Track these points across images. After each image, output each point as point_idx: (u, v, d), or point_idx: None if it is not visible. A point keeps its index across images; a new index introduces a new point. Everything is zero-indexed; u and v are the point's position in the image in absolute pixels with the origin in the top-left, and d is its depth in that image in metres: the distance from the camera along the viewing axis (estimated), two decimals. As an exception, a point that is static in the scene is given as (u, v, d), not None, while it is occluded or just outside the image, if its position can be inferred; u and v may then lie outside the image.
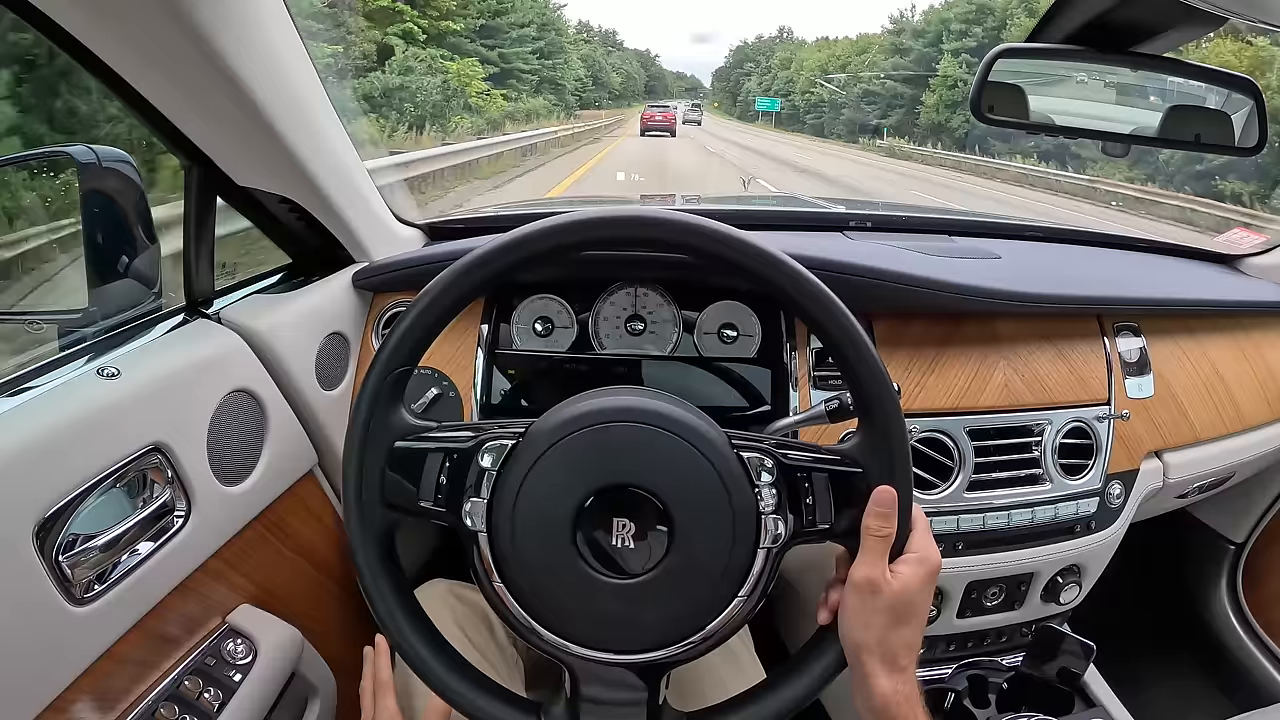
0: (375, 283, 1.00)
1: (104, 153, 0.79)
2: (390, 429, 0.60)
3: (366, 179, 0.96)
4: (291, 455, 0.88)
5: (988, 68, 0.90)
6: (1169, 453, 1.13)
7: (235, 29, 0.66)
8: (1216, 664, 1.48)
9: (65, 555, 0.59)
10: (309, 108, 0.81)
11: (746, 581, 0.57)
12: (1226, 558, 1.47)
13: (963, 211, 1.51)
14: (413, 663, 0.60)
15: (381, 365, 0.59)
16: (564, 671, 0.59)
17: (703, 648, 0.58)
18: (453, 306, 0.60)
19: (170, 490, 0.69)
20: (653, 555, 0.57)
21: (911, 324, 1.02)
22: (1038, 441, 1.02)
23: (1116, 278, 1.24)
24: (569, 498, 0.57)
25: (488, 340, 1.00)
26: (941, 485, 0.98)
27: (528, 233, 0.59)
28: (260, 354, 0.83)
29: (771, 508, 0.57)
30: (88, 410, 0.63)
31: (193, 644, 0.72)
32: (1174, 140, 0.98)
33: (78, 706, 0.60)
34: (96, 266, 0.79)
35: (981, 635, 1.09)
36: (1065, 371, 1.05)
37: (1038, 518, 1.01)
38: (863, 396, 0.60)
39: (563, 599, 0.57)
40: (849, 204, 1.52)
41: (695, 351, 1.01)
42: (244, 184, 0.84)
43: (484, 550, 0.57)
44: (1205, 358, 1.17)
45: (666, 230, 0.59)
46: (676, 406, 0.59)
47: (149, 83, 0.69)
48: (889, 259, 1.01)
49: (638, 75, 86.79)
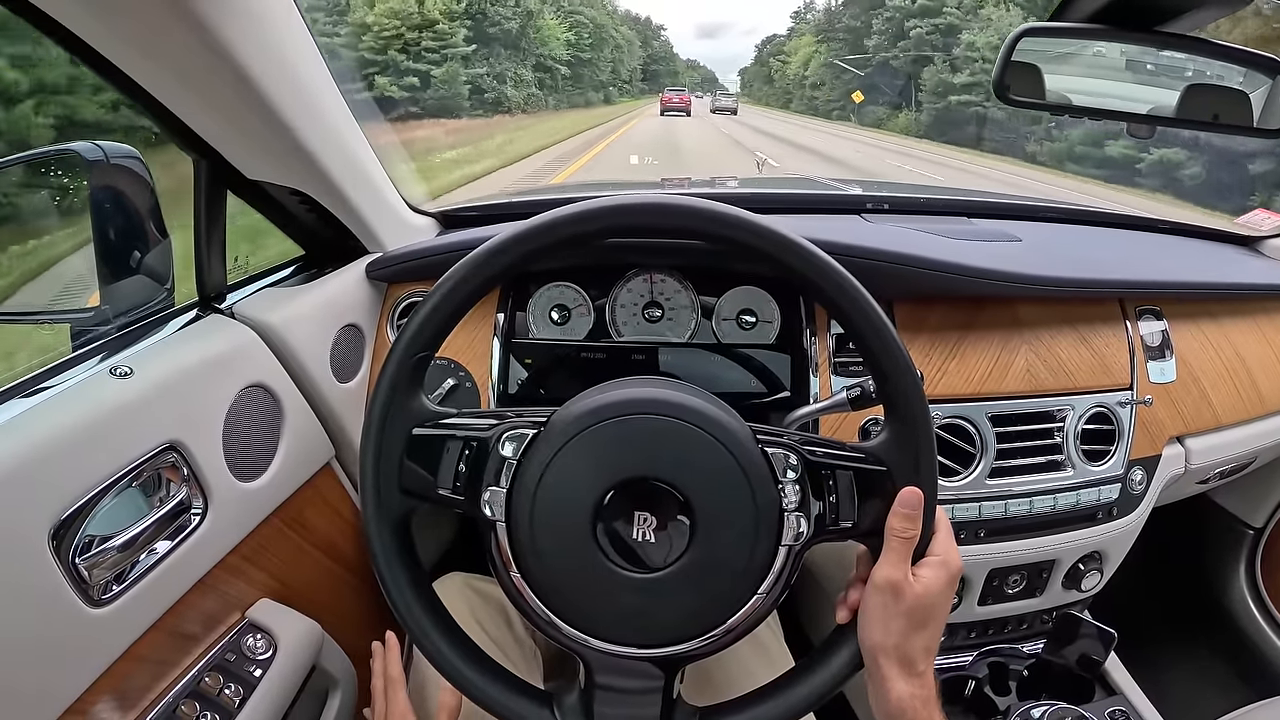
0: (389, 273, 0.99)
1: (111, 149, 0.78)
2: (409, 415, 0.60)
3: (378, 168, 0.95)
4: (308, 449, 0.87)
5: (1011, 46, 0.88)
6: (1191, 438, 1.11)
7: (240, 21, 0.64)
8: (1235, 650, 1.47)
9: (82, 557, 0.59)
10: (317, 99, 0.80)
11: (767, 579, 0.57)
12: (1245, 543, 1.46)
13: (981, 192, 1.49)
14: (426, 650, 0.60)
15: (402, 350, 0.59)
16: (579, 662, 0.59)
17: (720, 643, 0.58)
18: (477, 291, 0.59)
19: (186, 488, 0.69)
20: (673, 550, 0.56)
21: (933, 309, 1.01)
22: (1060, 427, 1.01)
23: (1138, 260, 1.22)
24: (590, 489, 0.56)
25: (504, 329, 0.99)
26: (964, 472, 0.97)
27: (553, 218, 0.58)
28: (274, 348, 0.82)
29: (795, 505, 0.56)
30: (101, 411, 0.62)
31: (212, 640, 0.72)
32: (1192, 120, 0.97)
33: (98, 707, 0.60)
34: (108, 264, 0.78)
35: (1002, 622, 1.09)
36: (1087, 356, 1.04)
37: (1059, 504, 1.00)
38: (888, 390, 0.59)
39: (580, 590, 0.57)
40: (865, 185, 1.50)
41: (714, 338, 1.00)
42: (254, 177, 0.83)
43: (502, 540, 0.57)
44: (1227, 341, 1.15)
45: (685, 217, 0.58)
46: (701, 399, 0.58)
47: (153, 78, 0.68)
48: (909, 243, 0.99)
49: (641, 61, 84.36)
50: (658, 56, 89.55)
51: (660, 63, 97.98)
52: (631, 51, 71.96)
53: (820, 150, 18.99)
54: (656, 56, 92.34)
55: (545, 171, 12.98)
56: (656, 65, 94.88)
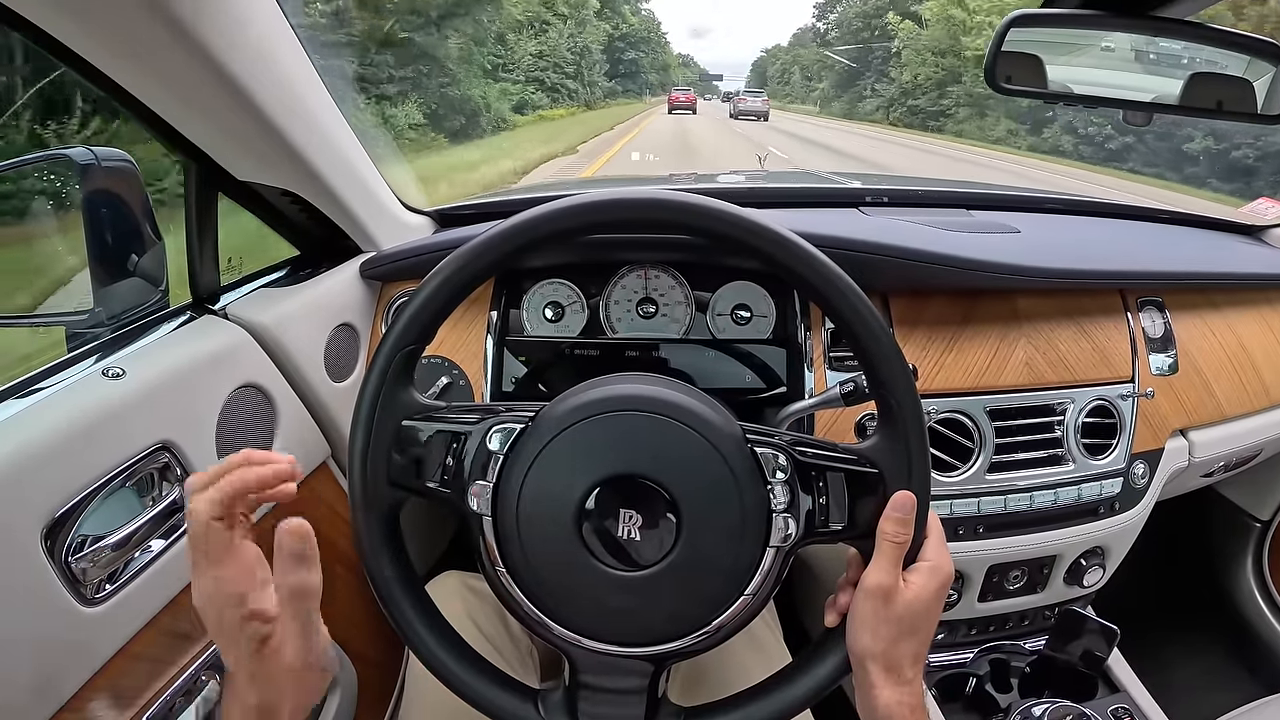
0: (383, 272, 0.99)
1: (103, 153, 0.78)
2: (398, 407, 0.60)
3: (370, 167, 0.95)
4: (303, 448, 0.87)
5: (1001, 36, 0.87)
6: (1194, 431, 1.10)
7: (220, 22, 0.64)
8: (1242, 644, 1.46)
9: (75, 557, 0.59)
10: (304, 98, 0.80)
11: (754, 579, 0.56)
12: (1252, 535, 1.45)
13: (981, 184, 1.48)
14: (409, 639, 0.60)
15: (392, 343, 0.59)
16: (564, 659, 0.59)
17: (707, 643, 0.58)
18: (466, 285, 0.59)
19: (179, 488, 0.69)
20: (659, 548, 0.56)
21: (929, 302, 1.00)
22: (1060, 421, 1.00)
23: (1139, 251, 1.21)
24: (576, 485, 0.56)
25: (497, 326, 0.99)
26: (962, 467, 0.96)
27: (536, 215, 0.58)
28: (268, 348, 0.83)
29: (783, 506, 0.56)
30: (93, 412, 0.62)
31: (207, 639, 0.72)
32: (1195, 108, 0.95)
33: (93, 705, 0.60)
34: (101, 267, 0.79)
35: (1003, 619, 1.08)
36: (1088, 348, 1.03)
37: (1060, 499, 0.99)
38: (879, 390, 0.58)
39: (565, 587, 0.57)
40: (864, 179, 1.49)
41: (709, 333, 1.00)
42: (244, 179, 0.83)
43: (488, 534, 0.57)
44: (1230, 332, 1.14)
45: (668, 211, 0.58)
46: (691, 397, 0.58)
47: (138, 82, 0.68)
48: (905, 235, 0.99)
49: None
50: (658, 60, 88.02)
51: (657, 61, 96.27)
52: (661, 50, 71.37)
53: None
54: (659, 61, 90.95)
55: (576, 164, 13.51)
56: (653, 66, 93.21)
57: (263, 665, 0.49)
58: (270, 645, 0.49)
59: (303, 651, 0.51)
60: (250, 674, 0.49)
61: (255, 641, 0.48)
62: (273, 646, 0.49)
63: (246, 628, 0.48)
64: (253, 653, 0.48)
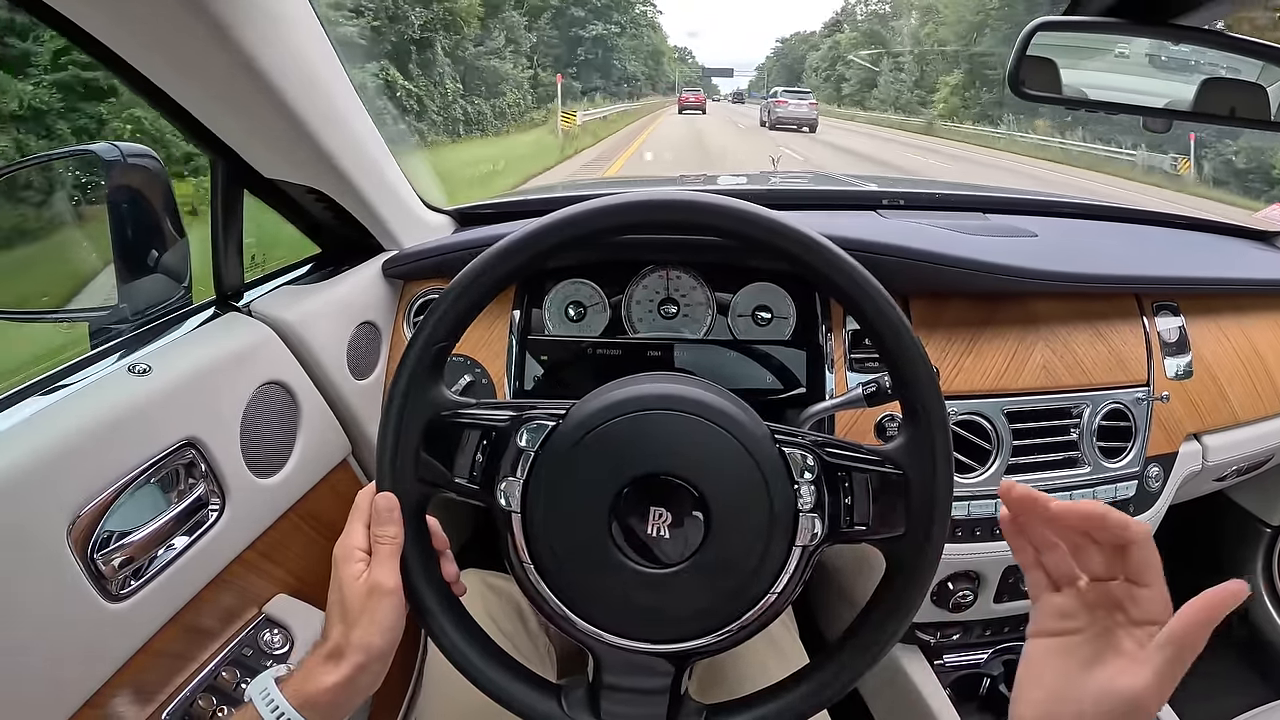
0: (405, 270, 1.00)
1: (128, 149, 0.79)
2: (428, 404, 0.60)
3: (394, 166, 0.95)
4: (325, 445, 0.87)
5: (1026, 41, 0.87)
6: (1208, 435, 1.10)
7: (256, 21, 0.65)
8: (1252, 649, 1.46)
9: (100, 553, 0.59)
10: (333, 98, 0.80)
11: (780, 578, 0.57)
12: (1262, 540, 1.45)
13: (997, 188, 1.48)
14: (433, 633, 0.60)
15: (423, 339, 0.59)
16: (589, 656, 0.59)
17: (731, 641, 0.58)
18: (498, 283, 0.60)
19: (204, 484, 0.69)
20: (687, 546, 0.56)
21: (948, 305, 1.00)
22: (1076, 424, 1.00)
23: (1155, 255, 1.21)
24: (607, 483, 0.56)
25: (520, 326, 0.99)
26: (979, 469, 0.97)
27: (569, 215, 0.58)
28: (291, 345, 0.83)
29: (810, 505, 0.56)
30: (119, 408, 0.62)
31: (229, 635, 0.73)
32: (1209, 114, 0.96)
33: (116, 701, 0.60)
34: (125, 263, 0.79)
35: (1018, 620, 1.08)
36: (1104, 352, 1.03)
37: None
38: (905, 392, 0.58)
39: (593, 584, 0.57)
40: (881, 181, 1.49)
41: (729, 334, 1.00)
42: (270, 176, 0.83)
43: (516, 531, 0.57)
44: (1245, 338, 1.14)
45: (698, 213, 0.58)
46: (720, 396, 0.58)
47: (170, 78, 0.68)
48: (925, 239, 0.99)
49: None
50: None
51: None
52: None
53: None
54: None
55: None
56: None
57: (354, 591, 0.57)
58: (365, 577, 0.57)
59: (383, 577, 0.57)
60: (342, 605, 0.57)
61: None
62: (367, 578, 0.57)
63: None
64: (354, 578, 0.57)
